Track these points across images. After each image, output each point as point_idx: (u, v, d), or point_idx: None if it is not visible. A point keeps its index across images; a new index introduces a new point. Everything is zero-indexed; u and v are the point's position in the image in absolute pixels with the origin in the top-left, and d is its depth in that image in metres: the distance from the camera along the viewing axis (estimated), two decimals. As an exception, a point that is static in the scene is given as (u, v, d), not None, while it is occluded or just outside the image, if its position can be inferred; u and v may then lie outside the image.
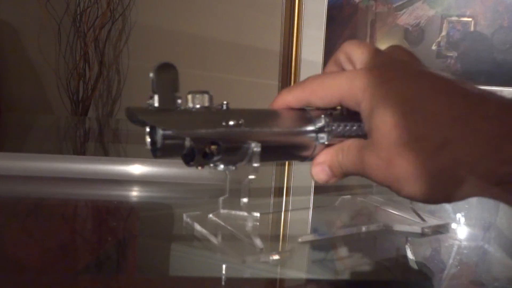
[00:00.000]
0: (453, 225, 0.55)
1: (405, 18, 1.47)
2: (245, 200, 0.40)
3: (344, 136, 0.35)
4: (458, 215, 0.58)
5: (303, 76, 1.57)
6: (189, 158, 0.33)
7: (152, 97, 0.32)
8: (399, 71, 0.28)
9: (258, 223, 0.48)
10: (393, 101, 0.27)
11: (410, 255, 0.45)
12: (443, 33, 1.44)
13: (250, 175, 0.37)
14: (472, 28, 1.41)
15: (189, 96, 0.33)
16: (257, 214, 0.49)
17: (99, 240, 0.47)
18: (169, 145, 0.31)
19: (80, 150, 0.90)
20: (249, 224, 0.41)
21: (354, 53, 0.33)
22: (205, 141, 0.32)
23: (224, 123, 0.32)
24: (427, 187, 0.26)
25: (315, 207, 0.59)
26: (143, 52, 1.76)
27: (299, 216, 0.55)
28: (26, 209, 0.54)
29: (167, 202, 0.59)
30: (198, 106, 0.33)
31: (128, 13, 1.73)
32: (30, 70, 1.76)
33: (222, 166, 0.34)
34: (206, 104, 0.33)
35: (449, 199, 0.27)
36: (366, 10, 1.51)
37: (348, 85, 0.30)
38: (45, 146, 0.88)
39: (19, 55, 1.75)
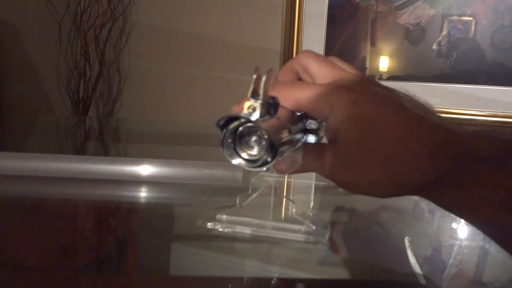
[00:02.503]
0: (453, 225, 0.55)
1: (406, 18, 1.47)
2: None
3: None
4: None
5: (303, 75, 1.57)
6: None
7: (253, 107, 0.31)
8: (364, 95, 0.34)
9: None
10: (356, 121, 0.33)
11: (410, 255, 0.45)
12: (444, 32, 1.44)
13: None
14: (473, 28, 1.41)
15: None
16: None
17: (101, 240, 0.47)
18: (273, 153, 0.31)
19: (80, 150, 0.90)
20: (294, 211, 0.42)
21: (311, 66, 0.37)
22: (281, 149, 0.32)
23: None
24: (376, 188, 0.34)
25: (313, 201, 0.59)
26: (144, 52, 1.76)
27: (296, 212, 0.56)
28: (26, 209, 0.54)
29: (168, 202, 0.59)
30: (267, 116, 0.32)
31: (128, 12, 1.73)
32: (30, 69, 1.76)
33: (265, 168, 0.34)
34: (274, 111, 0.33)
35: (390, 196, 0.35)
36: (366, 9, 1.51)
37: (317, 99, 0.35)
38: (45, 146, 0.88)
39: (20, 54, 1.75)
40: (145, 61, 1.75)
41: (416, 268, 0.42)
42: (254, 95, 0.31)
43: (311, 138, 0.38)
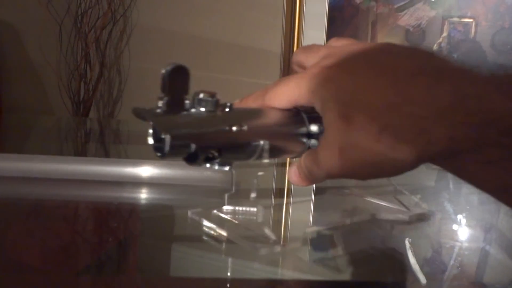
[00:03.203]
0: (454, 226, 0.55)
1: (406, 19, 1.47)
2: (253, 195, 0.42)
3: None
4: (459, 216, 0.58)
5: (304, 77, 1.57)
6: (191, 159, 0.33)
7: (161, 98, 0.32)
8: (339, 66, 0.30)
9: (255, 217, 0.50)
10: (336, 99, 0.29)
11: (411, 256, 0.45)
12: (444, 34, 1.44)
13: (258, 172, 0.38)
14: (473, 29, 1.41)
15: (196, 99, 0.33)
16: (254, 209, 0.50)
17: (101, 241, 0.47)
18: (176, 147, 0.31)
19: (81, 151, 0.90)
20: (260, 217, 0.42)
21: (303, 61, 0.35)
22: (209, 145, 0.33)
23: (227, 128, 0.33)
24: (378, 164, 0.29)
25: (309, 201, 0.60)
26: (144, 53, 1.76)
27: (294, 211, 0.57)
28: (26, 211, 0.54)
29: (168, 204, 0.59)
30: (203, 109, 0.33)
31: (129, 14, 1.73)
32: (31, 71, 1.76)
33: (217, 166, 0.35)
34: (212, 107, 0.33)
35: (392, 175, 0.30)
36: (367, 11, 1.51)
37: (298, 89, 0.32)
38: (46, 147, 0.88)
39: (20, 56, 1.75)
40: (145, 62, 1.75)
41: (417, 269, 0.42)
42: (162, 91, 0.32)
43: (313, 144, 0.36)
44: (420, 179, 0.63)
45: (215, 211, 0.49)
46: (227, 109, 0.35)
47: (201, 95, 0.34)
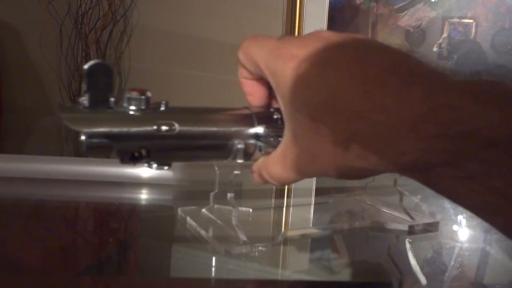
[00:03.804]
0: (454, 227, 0.55)
1: (407, 20, 1.47)
2: (231, 194, 0.42)
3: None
4: (460, 217, 0.58)
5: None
6: (121, 157, 0.32)
7: (83, 96, 0.32)
8: (312, 65, 0.28)
9: (250, 218, 0.50)
10: (305, 100, 0.28)
11: (411, 257, 0.45)
12: (444, 34, 1.44)
13: (235, 170, 0.38)
14: (473, 30, 1.41)
15: (125, 97, 0.33)
16: (249, 209, 0.50)
17: (101, 242, 0.47)
18: (94, 145, 0.31)
19: (81, 152, 0.90)
20: (235, 218, 0.42)
21: (257, 54, 0.33)
22: (130, 145, 0.32)
23: (154, 128, 0.32)
24: (345, 171, 0.28)
25: (309, 204, 0.60)
26: (145, 54, 1.76)
27: (292, 213, 0.56)
28: (27, 211, 0.54)
29: (169, 204, 0.59)
30: (133, 107, 0.32)
31: (129, 14, 1.73)
32: (31, 71, 1.76)
33: (155, 165, 0.34)
34: (143, 106, 0.33)
35: (357, 179, 0.31)
36: (367, 11, 1.51)
37: (268, 61, 0.31)
38: (46, 148, 0.88)
39: (21, 57, 1.75)
40: (146, 63, 1.75)
41: (417, 270, 0.42)
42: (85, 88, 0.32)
43: (260, 146, 0.36)
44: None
45: (204, 210, 0.49)
46: (161, 108, 0.34)
47: (130, 93, 0.33)
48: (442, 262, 0.46)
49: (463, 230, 0.55)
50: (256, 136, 0.35)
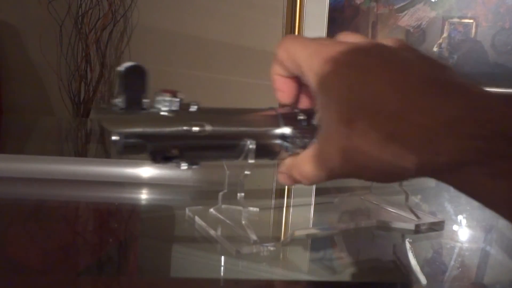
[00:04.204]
0: (454, 227, 0.55)
1: (407, 20, 1.47)
2: (241, 194, 0.42)
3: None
4: (460, 217, 0.58)
5: (304, 77, 1.57)
6: (154, 158, 0.33)
7: (117, 97, 0.32)
8: (349, 67, 0.29)
9: (257, 218, 0.50)
10: (341, 99, 0.29)
11: (411, 257, 0.45)
12: (444, 34, 1.44)
13: (245, 171, 0.39)
14: (473, 30, 1.41)
15: (157, 99, 0.33)
16: (257, 209, 0.50)
17: (102, 242, 0.47)
18: (129, 145, 0.32)
19: (81, 152, 0.90)
20: (244, 218, 0.42)
21: (298, 53, 0.33)
22: (164, 145, 0.33)
23: (185, 128, 0.33)
24: (379, 172, 0.29)
25: (314, 204, 0.60)
26: (145, 54, 1.76)
27: (298, 213, 0.56)
28: (27, 211, 0.54)
29: (169, 204, 0.59)
30: (165, 108, 0.33)
31: (129, 14, 1.73)
32: (31, 71, 1.76)
33: (185, 166, 0.35)
34: (174, 107, 0.33)
35: (393, 181, 0.31)
36: (367, 11, 1.51)
37: (308, 60, 0.32)
38: (46, 148, 0.88)
39: (21, 57, 1.75)
40: (146, 63, 1.73)
41: (417, 270, 0.42)
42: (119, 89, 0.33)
43: (286, 146, 0.36)
44: (420, 179, 0.63)
45: (212, 210, 0.49)
46: (192, 109, 0.34)
47: (162, 95, 0.34)
48: (448, 261, 0.46)
49: (464, 229, 0.55)
50: (283, 137, 0.36)
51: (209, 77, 1.68)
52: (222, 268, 0.41)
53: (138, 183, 0.61)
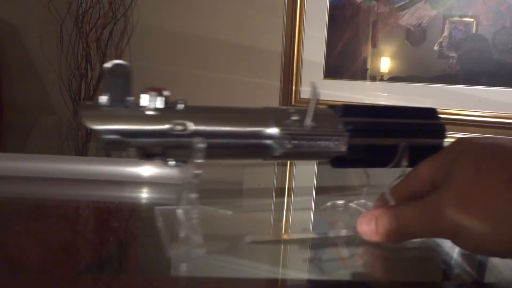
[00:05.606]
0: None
1: (407, 19, 1.47)
2: (193, 195, 0.40)
3: (301, 153, 0.36)
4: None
5: (304, 76, 1.57)
6: (137, 154, 0.33)
7: (104, 95, 0.33)
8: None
9: (229, 220, 0.48)
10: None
11: (411, 256, 0.44)
12: (445, 33, 1.44)
13: (196, 170, 0.38)
14: (474, 29, 1.41)
15: (142, 97, 0.34)
16: (230, 212, 0.49)
17: (102, 241, 0.47)
18: (111, 141, 0.32)
19: (82, 151, 0.90)
20: (194, 220, 0.41)
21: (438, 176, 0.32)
22: (145, 143, 0.33)
23: (170, 126, 0.33)
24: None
25: (296, 209, 0.58)
26: (145, 53, 1.76)
27: (278, 217, 0.54)
28: (27, 210, 0.54)
29: (169, 204, 0.59)
30: (149, 106, 0.33)
31: (130, 13, 1.73)
32: (32, 70, 1.76)
33: (172, 163, 0.35)
34: (160, 105, 0.33)
35: None
36: (368, 10, 1.51)
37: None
38: (47, 147, 0.88)
39: (21, 56, 1.75)
40: (146, 62, 1.75)
41: (417, 269, 0.42)
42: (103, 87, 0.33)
43: (275, 148, 0.35)
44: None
45: (179, 210, 0.47)
46: (179, 107, 0.34)
47: (147, 93, 0.34)
48: (442, 260, 0.46)
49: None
50: (271, 137, 0.35)
51: (209, 76, 1.68)
52: (234, 269, 0.40)
53: (139, 182, 0.61)
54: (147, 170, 0.60)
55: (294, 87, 1.57)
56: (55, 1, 1.64)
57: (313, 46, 1.54)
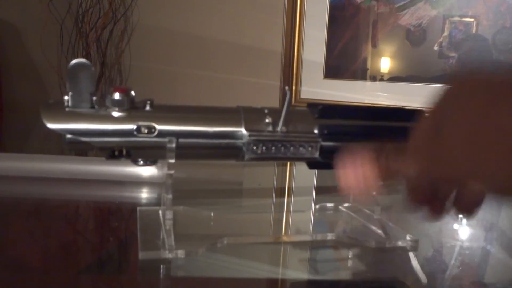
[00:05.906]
0: (455, 226, 0.55)
1: (407, 19, 1.47)
2: (169, 196, 0.39)
3: (273, 158, 0.35)
4: (460, 216, 0.58)
5: (305, 76, 1.57)
6: (103, 154, 0.33)
7: (66, 95, 0.32)
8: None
9: (212, 223, 0.48)
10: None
11: (412, 256, 0.45)
12: (445, 33, 1.43)
13: (168, 170, 0.37)
14: (474, 29, 1.41)
15: (108, 97, 0.33)
16: (210, 213, 0.49)
17: (102, 241, 0.47)
18: (73, 141, 0.32)
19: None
20: (168, 221, 0.40)
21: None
22: (107, 144, 0.33)
23: (135, 127, 0.32)
24: None
25: (293, 211, 0.58)
26: (145, 53, 1.76)
27: (265, 218, 0.53)
28: (28, 210, 0.54)
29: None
30: (115, 107, 0.33)
31: (130, 13, 1.73)
32: (32, 70, 1.76)
33: (142, 162, 0.35)
34: (125, 105, 0.33)
35: None
36: (368, 10, 1.51)
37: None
38: (47, 147, 0.88)
39: (22, 56, 1.75)
40: (146, 62, 1.75)
41: (418, 269, 0.42)
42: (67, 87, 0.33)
43: (244, 153, 0.35)
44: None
45: (160, 211, 0.47)
46: (147, 107, 0.34)
47: (112, 93, 0.33)
48: (442, 260, 0.46)
49: (463, 228, 0.55)
50: (241, 138, 0.35)
51: (209, 76, 1.68)
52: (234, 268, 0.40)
53: (139, 182, 0.61)
54: (147, 170, 0.60)
55: (294, 87, 1.57)
56: (55, 1, 1.63)
57: (313, 46, 1.54)
